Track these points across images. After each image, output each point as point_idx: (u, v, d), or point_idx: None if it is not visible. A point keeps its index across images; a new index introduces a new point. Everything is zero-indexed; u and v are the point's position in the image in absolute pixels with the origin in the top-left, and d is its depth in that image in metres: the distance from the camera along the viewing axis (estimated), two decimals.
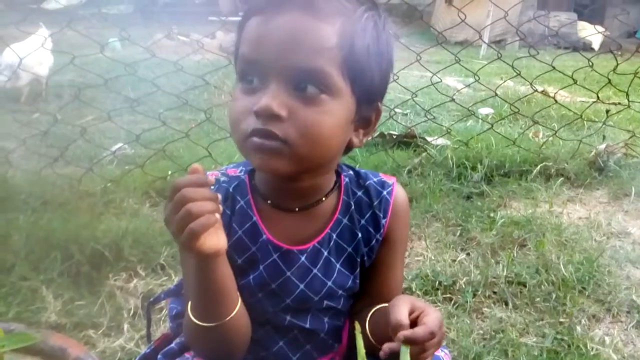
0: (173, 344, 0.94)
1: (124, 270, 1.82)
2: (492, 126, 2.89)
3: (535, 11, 8.21)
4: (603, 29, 7.66)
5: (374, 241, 0.92)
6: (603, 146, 2.83)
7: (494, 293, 1.82)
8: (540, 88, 3.75)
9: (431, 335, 0.72)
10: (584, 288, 1.84)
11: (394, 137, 2.95)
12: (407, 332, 0.71)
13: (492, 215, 2.30)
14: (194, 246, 0.70)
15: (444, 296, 1.80)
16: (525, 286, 1.84)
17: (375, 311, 0.88)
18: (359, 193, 0.92)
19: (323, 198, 0.89)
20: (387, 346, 0.73)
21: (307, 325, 0.93)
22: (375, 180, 0.94)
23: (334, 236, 0.90)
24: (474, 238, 2.14)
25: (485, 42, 5.91)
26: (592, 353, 1.54)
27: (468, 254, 2.05)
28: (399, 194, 0.94)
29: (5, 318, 1.57)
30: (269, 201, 0.88)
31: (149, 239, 1.93)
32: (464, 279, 1.86)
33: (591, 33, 7.44)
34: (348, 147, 0.85)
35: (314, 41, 0.73)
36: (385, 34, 0.80)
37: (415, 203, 2.36)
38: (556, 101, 3.15)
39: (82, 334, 1.56)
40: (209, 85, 2.81)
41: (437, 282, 1.84)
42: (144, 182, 2.38)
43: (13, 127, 2.77)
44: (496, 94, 3.08)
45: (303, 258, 0.88)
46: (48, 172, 2.31)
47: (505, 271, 1.90)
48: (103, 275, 1.79)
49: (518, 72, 2.83)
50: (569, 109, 3.33)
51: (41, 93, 3.85)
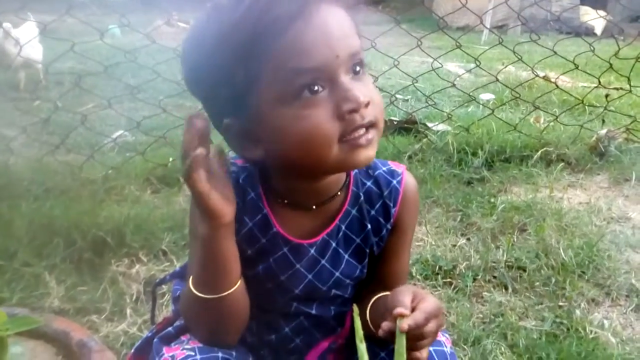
0: (171, 328, 0.94)
1: (126, 256, 1.83)
2: (493, 111, 2.89)
3: None
4: (605, 14, 7.62)
5: (384, 231, 0.92)
6: (604, 131, 2.82)
7: (494, 277, 1.83)
8: (541, 73, 3.74)
9: (426, 319, 0.73)
10: (584, 272, 1.85)
11: (395, 123, 2.94)
12: (404, 311, 0.72)
13: (493, 200, 2.30)
14: (195, 184, 0.72)
15: (444, 281, 1.81)
16: (525, 270, 1.85)
17: (376, 299, 0.89)
18: (369, 183, 0.92)
19: (338, 192, 0.89)
20: (386, 325, 0.73)
21: (314, 311, 0.94)
22: (384, 169, 0.93)
23: (343, 227, 0.90)
24: (475, 223, 2.14)
25: (486, 28, 5.88)
26: (591, 336, 1.55)
27: (468, 239, 2.06)
28: (409, 182, 0.93)
29: (9, 304, 1.59)
30: (286, 200, 0.87)
31: (151, 225, 1.94)
32: (464, 264, 1.87)
33: (593, 17, 7.39)
34: None
35: (349, 24, 0.76)
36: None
37: None
38: (557, 86, 3.14)
39: (85, 319, 1.57)
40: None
41: (438, 267, 1.85)
42: (145, 169, 2.38)
43: (14, 115, 2.77)
44: (497, 79, 3.07)
45: (312, 250, 0.89)
46: (49, 160, 2.32)
47: (505, 256, 1.91)
48: (105, 261, 1.80)
49: (519, 57, 2.82)
50: (570, 94, 3.32)
51: (40, 80, 3.84)
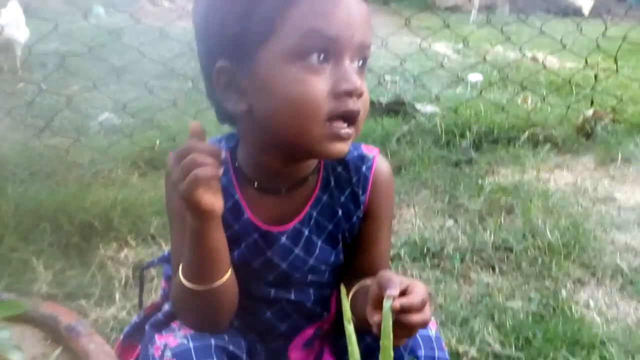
0: (159, 314, 0.94)
1: (114, 240, 1.82)
2: (481, 92, 2.89)
3: None
4: None
5: (355, 218, 0.91)
6: (590, 112, 2.84)
7: (481, 259, 1.85)
8: (529, 54, 3.74)
9: (422, 303, 0.71)
10: (570, 253, 1.86)
11: (383, 105, 2.94)
12: (404, 301, 0.69)
13: (480, 182, 2.31)
14: (194, 195, 0.71)
15: (432, 262, 1.82)
16: (512, 252, 1.87)
17: (357, 289, 0.87)
18: (339, 169, 0.90)
19: (309, 176, 0.88)
20: (379, 318, 0.70)
21: (292, 297, 0.93)
22: (355, 154, 0.91)
23: (314, 214, 0.89)
24: (462, 205, 2.15)
25: (476, 7, 5.85)
26: (577, 316, 1.57)
27: (456, 221, 2.07)
28: (380, 169, 0.91)
29: None
30: (255, 183, 0.86)
31: (139, 209, 1.92)
32: (452, 245, 1.88)
33: None
34: None
35: (369, 18, 0.76)
36: None
37: (404, 170, 2.37)
38: (545, 67, 3.14)
39: (74, 304, 1.56)
40: (196, 52, 2.75)
41: (426, 249, 1.86)
42: (132, 152, 2.36)
43: None
44: (485, 60, 3.06)
45: (283, 239, 0.88)
46: (35, 143, 2.29)
47: (492, 237, 1.92)
48: (93, 245, 1.79)
49: (507, 38, 2.81)
50: (558, 75, 3.33)
51: (17, 63, 3.77)
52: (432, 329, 0.92)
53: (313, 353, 1.00)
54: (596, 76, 3.02)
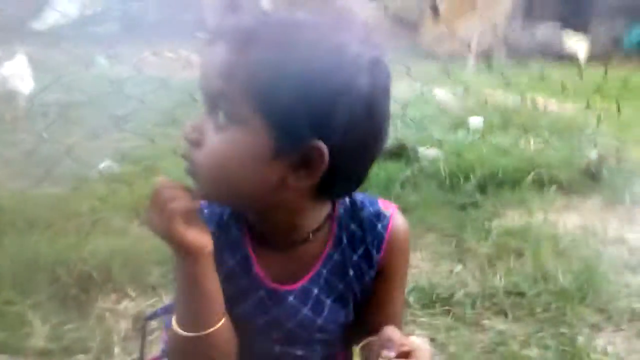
0: None
1: (113, 291, 1.78)
2: (483, 135, 2.88)
3: (521, 22, 8.28)
4: (587, 39, 7.76)
5: (367, 278, 0.87)
6: (595, 154, 2.82)
7: (493, 304, 1.79)
8: (529, 97, 3.76)
9: None
10: (584, 297, 1.81)
11: (385, 150, 2.92)
12: (392, 355, 0.68)
13: (487, 225, 2.27)
14: (174, 232, 0.70)
15: (442, 309, 1.77)
16: (524, 296, 1.82)
17: (364, 344, 0.82)
18: (353, 226, 0.86)
19: (310, 236, 0.83)
20: None
21: (299, 352, 0.89)
22: (371, 210, 0.87)
23: (325, 272, 0.85)
24: (470, 249, 2.11)
25: (473, 54, 5.95)
26: None
27: (465, 265, 2.02)
28: (397, 228, 0.87)
29: None
30: (258, 237, 0.84)
31: (138, 259, 1.89)
32: (462, 291, 1.84)
33: (577, 42, 7.52)
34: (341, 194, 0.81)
35: (223, 68, 0.69)
36: (309, 64, 0.69)
37: (408, 215, 2.32)
38: (546, 110, 3.15)
39: (72, 359, 1.51)
40: (197, 101, 2.76)
41: (435, 295, 1.81)
42: (132, 200, 2.33)
43: None
44: (486, 103, 3.07)
45: (291, 298, 0.84)
46: (34, 193, 2.27)
47: (503, 282, 1.87)
48: (92, 297, 1.75)
49: (507, 82, 2.83)
50: (560, 118, 3.33)
51: (26, 112, 3.80)
52: None
53: None
54: (599, 118, 3.03)
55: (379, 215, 0.86)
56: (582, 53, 7.71)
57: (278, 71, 0.68)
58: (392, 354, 0.67)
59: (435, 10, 8.83)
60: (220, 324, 0.76)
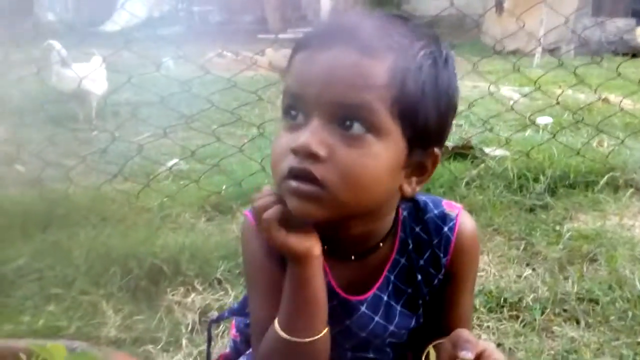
0: None
1: (182, 284, 1.82)
2: (554, 136, 2.77)
3: (589, 18, 7.95)
4: None
5: (436, 281, 0.86)
6: None
7: (564, 311, 1.72)
8: (602, 95, 3.60)
9: None
10: None
11: (450, 149, 2.86)
12: (471, 357, 0.66)
13: (558, 228, 2.19)
14: (276, 240, 0.72)
15: (510, 314, 1.71)
16: (597, 303, 1.73)
17: (432, 346, 0.82)
18: (417, 229, 0.85)
19: (380, 244, 0.83)
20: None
21: (371, 355, 0.90)
22: (436, 212, 0.85)
23: (392, 278, 0.85)
24: (540, 252, 2.03)
25: (540, 50, 5.75)
26: None
27: (534, 270, 1.95)
28: (465, 229, 0.85)
29: (66, 333, 1.59)
30: (325, 247, 0.81)
31: (206, 254, 1.92)
32: (531, 296, 1.77)
33: None
34: (403, 196, 0.77)
35: (360, 75, 0.67)
36: (446, 72, 0.73)
37: (475, 216, 2.27)
38: (622, 108, 3.01)
39: (142, 349, 1.56)
40: (262, 100, 2.82)
41: (502, 299, 1.76)
42: (200, 197, 2.39)
43: (73, 145, 2.85)
44: (558, 102, 2.96)
45: (363, 308, 0.84)
46: (107, 189, 2.36)
47: (575, 287, 1.79)
48: (161, 289, 1.79)
49: (580, 80, 2.72)
50: (635, 116, 3.17)
51: (99, 111, 3.98)
52: None
53: None
54: None
55: (445, 217, 0.85)
56: None
57: (418, 82, 0.69)
58: (470, 355, 0.66)
59: (500, 5, 8.61)
60: (325, 332, 0.77)
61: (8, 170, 2.68)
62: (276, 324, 0.77)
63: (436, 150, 0.75)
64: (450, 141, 2.99)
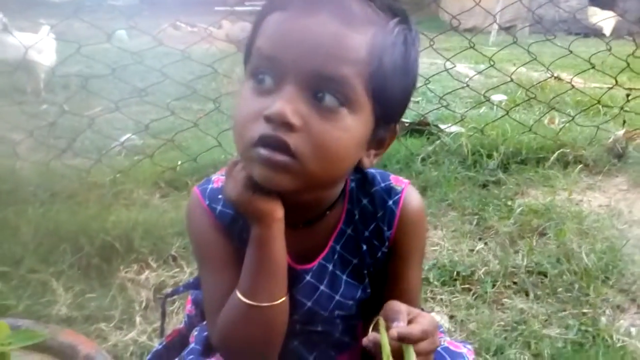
0: (195, 345, 0.89)
1: (135, 262, 1.79)
2: (508, 112, 2.83)
3: None
4: (614, 15, 7.55)
5: (379, 253, 0.86)
6: (621, 132, 2.76)
7: (514, 283, 1.78)
8: (555, 74, 3.68)
9: (424, 333, 0.67)
10: (607, 278, 1.78)
11: (407, 125, 2.89)
12: (402, 329, 0.67)
13: (510, 203, 2.24)
14: (243, 197, 0.72)
15: (463, 287, 1.76)
16: (546, 276, 1.79)
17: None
18: (364, 201, 0.85)
19: (327, 211, 0.82)
20: (374, 335, 0.68)
21: (319, 328, 0.89)
22: (382, 185, 0.85)
23: (338, 248, 0.85)
24: (492, 227, 2.08)
25: (496, 28, 5.82)
26: (618, 345, 1.49)
27: (486, 244, 2.00)
28: (410, 203, 0.85)
29: (15, 312, 1.55)
30: None
31: (160, 230, 1.89)
32: (483, 269, 1.82)
33: (603, 18, 7.32)
34: (356, 167, 0.77)
35: (343, 48, 0.66)
36: (414, 50, 0.73)
37: (430, 192, 2.31)
38: (573, 86, 3.08)
39: (93, 327, 1.53)
40: (217, 73, 2.76)
41: (455, 273, 1.80)
42: (154, 173, 2.34)
43: (21, 119, 2.74)
44: (512, 79, 3.00)
45: (308, 277, 0.84)
46: (56, 164, 2.28)
47: (525, 261, 1.85)
48: (114, 267, 1.76)
49: (534, 57, 2.76)
50: (586, 94, 3.26)
51: (48, 84, 3.83)
52: (470, 358, 0.88)
53: None
54: (628, 95, 2.94)
55: (390, 190, 0.85)
56: (609, 29, 7.52)
57: (392, 59, 0.70)
58: (402, 324, 0.68)
59: None
60: (284, 299, 0.77)
61: None
62: (237, 292, 0.76)
63: (396, 125, 0.77)
64: (407, 117, 3.02)
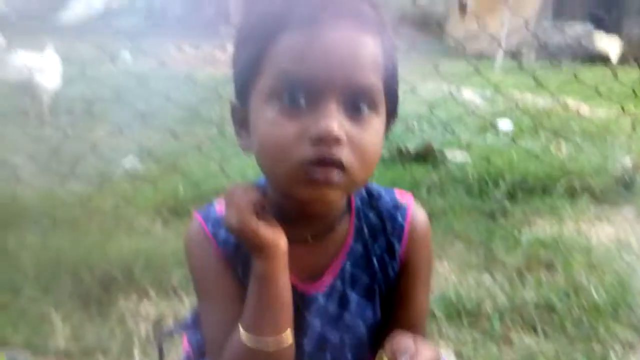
0: None
1: (135, 292, 1.77)
2: (513, 139, 2.81)
3: (550, 21, 8.13)
4: (620, 40, 7.58)
5: (390, 269, 0.84)
6: (629, 161, 2.73)
7: (522, 319, 1.73)
8: (561, 100, 3.67)
9: None
10: (617, 313, 1.74)
11: (411, 152, 2.87)
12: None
13: (517, 234, 2.21)
14: (248, 226, 0.70)
15: (469, 321, 1.71)
16: (554, 311, 1.75)
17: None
18: (371, 217, 0.84)
19: (337, 224, 0.81)
20: None
21: (329, 357, 0.86)
22: (388, 199, 0.85)
23: (349, 265, 0.83)
24: (499, 259, 2.05)
25: (502, 53, 5.84)
26: None
27: (493, 276, 1.96)
28: (417, 217, 0.85)
29: (13, 342, 1.53)
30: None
31: (160, 260, 1.87)
32: (490, 303, 1.77)
33: (609, 43, 7.35)
34: None
35: (369, 55, 0.68)
36: (394, 47, 0.76)
37: (435, 221, 2.28)
38: (580, 114, 3.07)
39: None
40: (222, 97, 2.75)
41: (461, 307, 1.76)
42: (156, 200, 2.33)
43: (23, 142, 2.73)
44: (517, 106, 2.99)
45: (320, 299, 0.82)
46: (58, 190, 2.27)
47: (532, 295, 1.81)
48: (113, 297, 1.74)
49: (539, 84, 2.75)
50: (592, 122, 3.24)
51: (52, 107, 3.83)
52: None
53: None
54: (634, 123, 2.93)
55: (397, 205, 0.84)
56: (615, 54, 7.54)
57: (394, 56, 0.73)
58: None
59: (463, 6, 8.71)
60: (289, 331, 0.75)
61: None
62: (240, 328, 0.74)
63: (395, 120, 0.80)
64: (411, 145, 3.00)
